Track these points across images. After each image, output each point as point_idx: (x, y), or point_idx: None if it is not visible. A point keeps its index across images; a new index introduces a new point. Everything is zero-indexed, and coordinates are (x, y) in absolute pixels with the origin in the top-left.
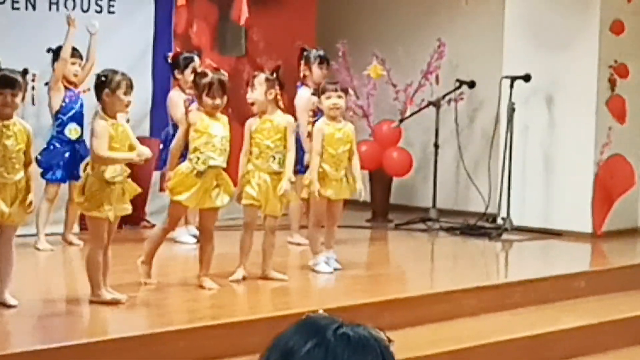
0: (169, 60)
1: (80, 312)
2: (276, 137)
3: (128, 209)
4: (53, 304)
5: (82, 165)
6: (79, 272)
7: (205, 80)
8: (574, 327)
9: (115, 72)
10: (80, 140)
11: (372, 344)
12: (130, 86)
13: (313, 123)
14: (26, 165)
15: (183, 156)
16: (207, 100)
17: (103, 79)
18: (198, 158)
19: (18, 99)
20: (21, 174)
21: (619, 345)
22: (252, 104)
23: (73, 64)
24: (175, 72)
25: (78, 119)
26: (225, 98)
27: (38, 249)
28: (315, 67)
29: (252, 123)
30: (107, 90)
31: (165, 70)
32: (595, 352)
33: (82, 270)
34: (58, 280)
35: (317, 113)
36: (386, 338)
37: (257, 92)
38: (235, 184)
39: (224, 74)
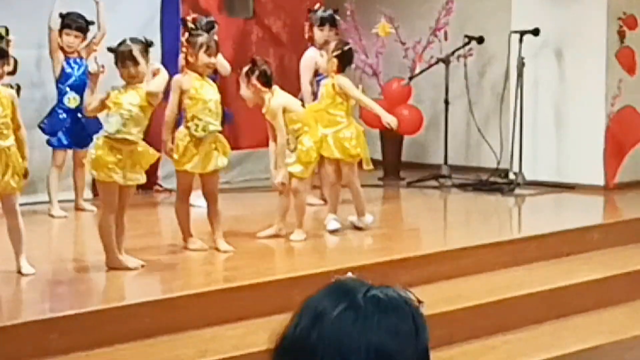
0: (189, 23)
1: (95, 278)
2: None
3: (139, 178)
4: (67, 271)
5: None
6: (92, 238)
7: (202, 39)
8: (588, 280)
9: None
10: (80, 108)
11: (402, 305)
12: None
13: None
14: (16, 129)
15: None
16: (204, 57)
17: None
18: (197, 125)
19: (7, 68)
20: (10, 140)
21: (633, 297)
22: (245, 100)
23: (67, 35)
24: None
25: (77, 87)
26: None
27: (52, 216)
28: (316, 29)
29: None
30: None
31: (174, 34)
32: (610, 304)
33: (96, 236)
34: (72, 246)
35: (319, 74)
36: (416, 299)
37: (242, 88)
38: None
39: (213, 37)
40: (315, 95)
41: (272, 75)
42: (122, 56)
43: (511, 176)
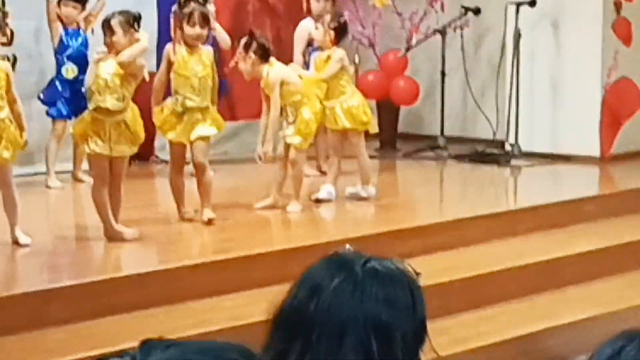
0: None
1: (92, 249)
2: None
3: (125, 150)
4: (64, 242)
5: None
6: (89, 209)
7: (186, 9)
8: (585, 251)
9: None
10: (78, 78)
11: (400, 277)
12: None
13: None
14: (12, 103)
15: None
16: (187, 29)
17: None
18: (177, 100)
19: (1, 39)
20: (5, 112)
21: (630, 267)
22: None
23: (65, 5)
24: None
25: (75, 58)
26: (207, 30)
27: (49, 187)
28: (312, 1)
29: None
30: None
31: (170, 6)
32: (607, 274)
33: (92, 208)
34: (68, 217)
35: (312, 45)
36: (413, 271)
37: (240, 61)
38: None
39: (205, 7)
40: (307, 65)
41: (270, 48)
42: (102, 25)
43: (507, 147)
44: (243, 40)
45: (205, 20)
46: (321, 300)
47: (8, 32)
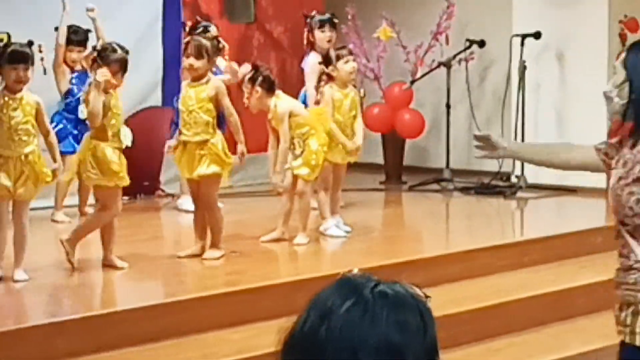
0: (186, 28)
1: (99, 282)
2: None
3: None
4: (71, 276)
5: None
6: (95, 243)
7: (185, 41)
8: (592, 282)
9: (115, 50)
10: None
11: (410, 300)
12: (122, 68)
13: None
14: (45, 135)
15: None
16: (183, 60)
17: (100, 54)
18: (179, 134)
19: (30, 73)
20: (30, 147)
21: None
22: (248, 108)
23: (70, 51)
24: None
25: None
26: (202, 62)
27: (55, 221)
28: (317, 32)
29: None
30: (96, 65)
31: (176, 38)
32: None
33: (97, 242)
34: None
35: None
36: (423, 294)
37: (246, 95)
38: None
39: (199, 39)
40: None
41: (275, 80)
42: (117, 62)
43: (513, 179)
44: (248, 74)
45: (200, 52)
46: (332, 324)
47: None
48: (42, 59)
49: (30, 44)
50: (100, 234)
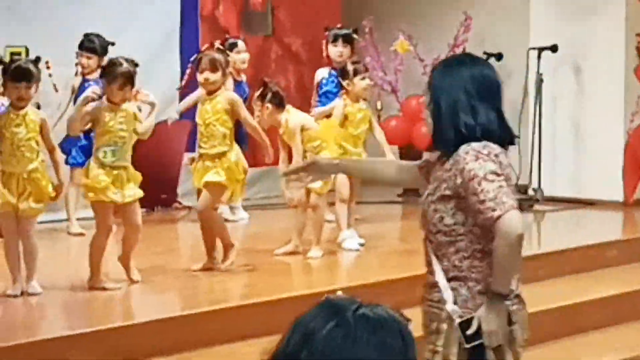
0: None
1: (114, 295)
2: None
3: (136, 193)
4: (86, 288)
5: None
6: (111, 255)
7: (199, 56)
8: (607, 295)
9: (121, 64)
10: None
11: (391, 323)
12: (128, 82)
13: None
14: (50, 152)
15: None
16: (197, 75)
17: (105, 68)
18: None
19: (32, 91)
20: (34, 164)
21: None
22: (260, 122)
23: (81, 56)
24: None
25: None
26: (216, 75)
27: (70, 233)
28: (330, 46)
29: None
30: (103, 79)
31: (193, 51)
32: (630, 320)
33: (113, 254)
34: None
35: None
36: (404, 317)
37: (256, 111)
38: None
39: (212, 53)
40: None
41: (284, 95)
42: (123, 76)
43: (530, 192)
44: (257, 92)
45: (214, 65)
46: (314, 346)
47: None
48: (50, 75)
49: (37, 60)
50: (122, 243)
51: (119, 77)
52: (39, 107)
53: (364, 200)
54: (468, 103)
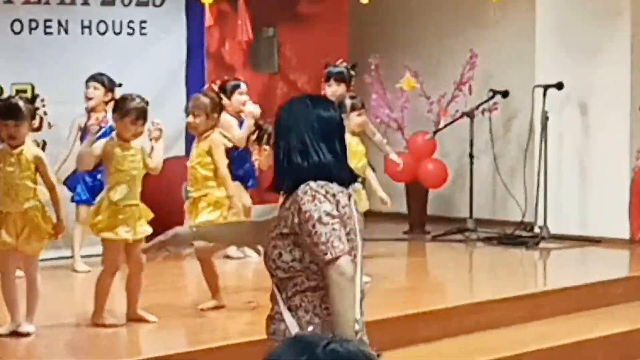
0: (216, 87)
1: (117, 332)
2: None
3: (147, 230)
4: (87, 326)
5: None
6: (118, 292)
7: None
8: (613, 333)
9: (133, 99)
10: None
11: (361, 358)
12: (141, 116)
13: None
14: (49, 190)
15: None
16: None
17: (118, 103)
18: None
19: (24, 128)
20: (30, 203)
21: None
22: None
23: (86, 87)
24: (223, 98)
25: None
26: (200, 119)
27: (76, 271)
28: (325, 85)
29: None
30: (116, 114)
31: (199, 87)
32: (635, 358)
33: (119, 291)
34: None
35: None
36: (374, 352)
37: (255, 154)
38: None
39: (199, 96)
40: None
41: None
42: (136, 111)
43: (536, 230)
44: (253, 135)
45: (197, 109)
46: None
47: (37, 118)
48: (45, 113)
49: (33, 98)
50: (125, 288)
51: (132, 111)
52: (45, 144)
53: (369, 237)
54: (309, 143)
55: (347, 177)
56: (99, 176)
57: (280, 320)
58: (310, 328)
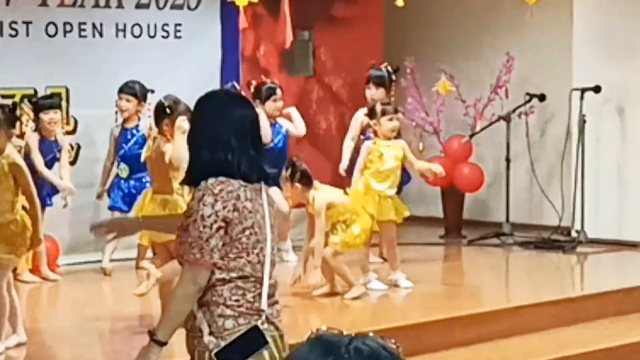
0: (252, 89)
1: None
2: None
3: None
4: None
5: None
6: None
7: None
8: None
9: (178, 102)
10: (131, 177)
11: (384, 353)
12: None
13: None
14: (28, 200)
15: None
16: None
17: (168, 110)
18: None
19: (1, 137)
20: (7, 217)
21: None
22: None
23: (119, 98)
24: (257, 102)
25: (127, 158)
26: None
27: (106, 274)
28: (366, 88)
29: None
30: (167, 120)
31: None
32: None
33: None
34: (125, 306)
35: (365, 132)
36: (395, 344)
37: (285, 190)
38: None
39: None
40: (357, 152)
41: (312, 173)
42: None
43: (573, 234)
44: (286, 172)
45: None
46: None
47: (72, 120)
48: (21, 124)
49: (14, 107)
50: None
51: (183, 113)
52: (79, 148)
53: (405, 241)
54: (218, 140)
55: (256, 174)
56: (132, 182)
57: (194, 317)
58: (221, 321)
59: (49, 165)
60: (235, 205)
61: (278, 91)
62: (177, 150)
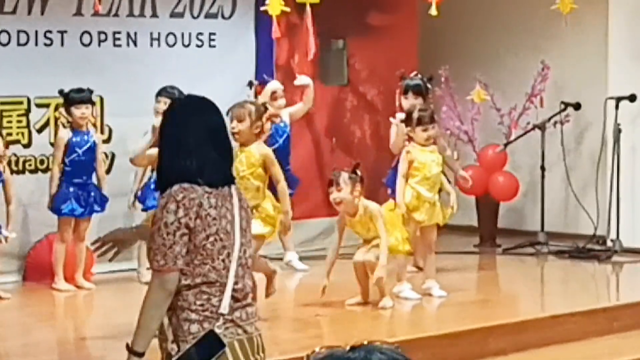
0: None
1: None
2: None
3: None
4: None
5: None
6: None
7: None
8: None
9: None
10: None
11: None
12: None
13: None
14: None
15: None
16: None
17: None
18: None
19: None
20: None
21: None
22: (339, 203)
23: (158, 102)
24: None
25: None
26: (241, 125)
27: (142, 282)
28: (402, 98)
29: None
30: None
31: None
32: None
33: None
34: None
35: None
36: (394, 345)
37: (344, 191)
38: None
39: (242, 103)
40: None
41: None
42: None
43: (608, 243)
44: (349, 174)
45: (240, 116)
46: None
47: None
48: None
49: None
50: None
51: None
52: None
53: (439, 250)
54: (184, 146)
55: (220, 179)
56: None
57: (162, 322)
58: (187, 325)
59: (85, 155)
60: (197, 212)
61: (280, 90)
62: None
